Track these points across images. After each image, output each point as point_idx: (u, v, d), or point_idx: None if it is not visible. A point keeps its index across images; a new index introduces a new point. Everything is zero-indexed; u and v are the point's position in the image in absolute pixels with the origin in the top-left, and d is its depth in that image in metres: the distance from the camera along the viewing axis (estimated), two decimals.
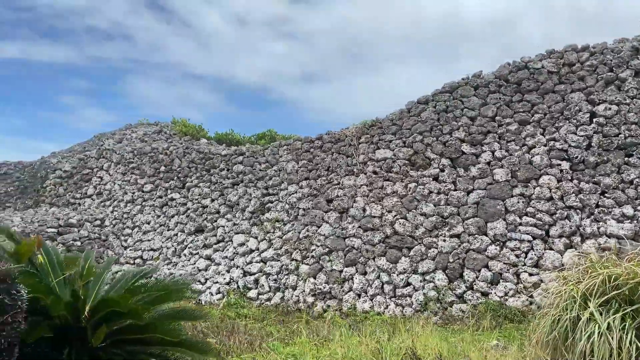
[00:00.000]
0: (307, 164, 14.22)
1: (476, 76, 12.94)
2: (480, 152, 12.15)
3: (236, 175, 15.42)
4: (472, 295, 10.97)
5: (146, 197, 16.99)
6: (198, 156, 16.41)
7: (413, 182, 12.46)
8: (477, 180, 11.93)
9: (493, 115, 12.36)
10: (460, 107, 12.67)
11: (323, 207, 13.43)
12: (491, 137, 12.18)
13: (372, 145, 13.32)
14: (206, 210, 15.50)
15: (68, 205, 18.70)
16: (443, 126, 12.64)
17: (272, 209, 14.32)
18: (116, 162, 18.47)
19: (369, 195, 12.87)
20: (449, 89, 12.94)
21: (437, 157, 12.44)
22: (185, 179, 16.44)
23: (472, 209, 11.70)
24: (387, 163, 12.91)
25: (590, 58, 12.16)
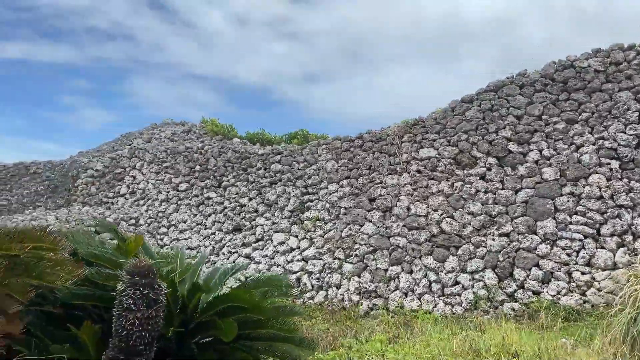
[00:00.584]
0: (347, 163, 14.23)
1: (521, 75, 12.92)
2: (528, 151, 12.13)
3: (274, 174, 15.46)
4: (524, 294, 10.95)
5: (182, 196, 17.05)
6: (234, 155, 16.45)
7: (459, 181, 12.46)
8: (525, 179, 11.91)
9: (540, 114, 12.34)
10: (506, 105, 12.65)
11: (365, 206, 13.44)
12: (538, 136, 12.16)
13: (415, 144, 13.32)
14: (244, 209, 15.54)
15: (101, 204, 18.79)
16: (489, 125, 12.62)
17: (312, 208, 14.35)
18: (149, 161, 18.54)
19: (413, 194, 12.87)
20: (494, 88, 12.93)
21: (484, 156, 12.44)
22: (222, 178, 16.49)
23: (521, 208, 11.68)
24: (432, 162, 12.91)
25: (637, 57, 12.12)
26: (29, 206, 21.08)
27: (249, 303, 4.37)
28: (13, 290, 3.38)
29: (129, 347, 3.75)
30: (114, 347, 3.78)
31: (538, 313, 10.34)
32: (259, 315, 4.47)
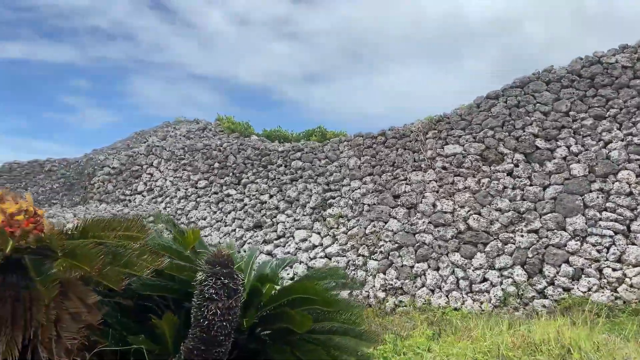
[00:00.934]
0: (370, 159, 14.18)
1: (547, 71, 12.85)
2: (555, 147, 12.06)
3: (295, 171, 15.41)
4: (554, 290, 10.89)
5: (200, 194, 17.01)
6: (254, 152, 16.41)
7: (486, 177, 12.40)
8: (553, 175, 11.85)
9: (567, 110, 12.27)
10: (533, 102, 12.59)
11: (390, 202, 13.39)
12: (566, 132, 12.09)
13: (440, 140, 13.26)
14: (264, 206, 15.49)
15: (118, 201, 18.76)
16: (515, 121, 12.56)
17: (334, 205, 14.30)
18: (166, 158, 18.51)
19: (439, 190, 12.82)
20: (520, 84, 12.87)
21: (511, 152, 12.37)
22: (241, 175, 16.44)
23: (549, 204, 11.62)
24: (457, 158, 12.85)
25: None
26: (44, 204, 21.03)
27: (317, 295, 4.31)
28: (108, 279, 3.33)
29: (210, 337, 3.70)
30: (194, 337, 3.74)
31: (569, 310, 10.29)
32: (327, 307, 4.42)
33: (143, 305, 4.26)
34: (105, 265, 3.31)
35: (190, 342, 3.74)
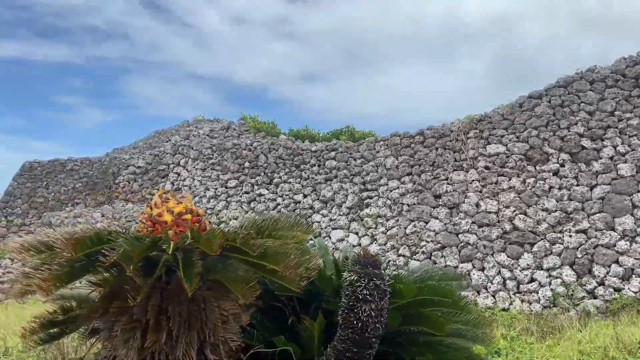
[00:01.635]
0: (408, 159, 14.10)
1: (590, 70, 12.79)
2: (602, 147, 12.01)
3: (329, 170, 15.32)
4: (605, 290, 10.82)
5: (231, 193, 16.91)
6: (285, 152, 16.32)
7: (531, 177, 12.33)
8: (600, 175, 11.78)
9: (612, 110, 12.21)
10: (577, 101, 12.53)
11: (430, 202, 13.31)
12: (612, 132, 12.04)
13: (482, 140, 13.19)
14: (298, 205, 15.40)
15: (144, 201, 18.64)
16: (560, 121, 12.50)
17: (371, 205, 14.21)
18: (194, 158, 18.40)
19: (482, 190, 12.75)
20: (564, 84, 12.81)
21: (556, 152, 12.31)
22: (273, 175, 16.35)
23: (597, 204, 11.56)
24: (501, 158, 12.78)
25: None
26: (66, 203, 20.93)
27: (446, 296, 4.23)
28: (288, 280, 3.24)
29: (363, 338, 3.61)
30: (345, 339, 3.64)
31: (623, 310, 10.23)
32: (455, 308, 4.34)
33: (273, 306, 4.17)
34: (296, 265, 3.21)
35: (341, 344, 3.65)
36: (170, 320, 3.07)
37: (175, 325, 2.99)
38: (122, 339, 3.15)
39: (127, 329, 3.12)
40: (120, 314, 3.18)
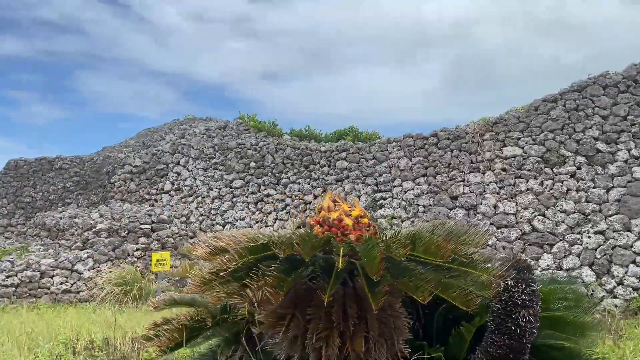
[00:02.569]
0: (422, 160, 14.16)
1: (603, 76, 13.13)
2: (617, 151, 12.34)
3: (340, 171, 15.25)
4: (624, 290, 11.13)
5: (237, 193, 16.62)
6: (294, 152, 16.15)
7: (549, 179, 12.56)
8: (616, 178, 12.11)
9: (625, 115, 12.57)
10: (591, 106, 12.84)
11: (447, 203, 13.41)
12: (626, 136, 12.38)
13: (498, 142, 13.37)
14: (309, 206, 15.27)
15: (142, 201, 18.12)
16: (575, 124, 12.78)
17: (385, 206, 14.21)
18: (195, 157, 18.00)
19: (500, 192, 12.91)
20: (578, 88, 13.10)
21: (572, 155, 12.58)
22: (280, 175, 16.15)
23: (614, 206, 11.87)
24: (518, 160, 12.98)
25: None
26: (56, 203, 20.17)
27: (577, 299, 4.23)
28: (478, 287, 3.15)
29: (521, 344, 3.56)
30: (500, 344, 3.58)
31: None
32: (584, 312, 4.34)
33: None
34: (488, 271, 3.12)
35: (495, 350, 3.59)
36: (368, 325, 2.95)
37: (375, 330, 2.87)
38: (314, 345, 3.00)
39: (321, 334, 2.98)
40: (309, 320, 3.03)
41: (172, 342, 3.77)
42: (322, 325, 2.97)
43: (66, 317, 9.32)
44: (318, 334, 2.96)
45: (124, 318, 9.45)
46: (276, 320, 3.17)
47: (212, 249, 3.40)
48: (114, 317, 8.16)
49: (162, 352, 3.87)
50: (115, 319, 7.31)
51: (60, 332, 7.86)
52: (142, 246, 15.24)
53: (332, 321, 2.96)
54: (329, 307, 2.96)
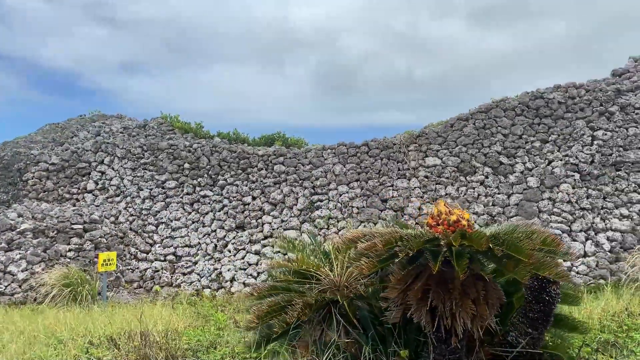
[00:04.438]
0: (355, 167, 15.76)
1: (503, 100, 15.81)
2: (515, 163, 15.02)
3: (277, 174, 16.29)
4: None
5: (170, 194, 16.82)
6: (230, 155, 16.82)
7: (463, 186, 14.87)
8: (515, 186, 14.76)
9: (521, 134, 15.33)
10: (495, 125, 15.42)
11: (378, 206, 15.14)
12: (522, 152, 15.12)
13: (421, 153, 15.42)
14: (247, 207, 16.08)
15: (62, 200, 17.44)
16: (483, 140, 15.26)
17: (322, 207, 15.57)
18: (121, 156, 17.77)
19: (423, 196, 14.95)
20: (485, 110, 15.63)
21: (481, 166, 15.02)
22: (217, 177, 16.72)
23: (514, 209, 14.48)
24: (437, 169, 15.13)
25: (585, 94, 15.80)
26: None
27: None
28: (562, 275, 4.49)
29: (550, 310, 5.03)
30: (536, 310, 5.04)
31: None
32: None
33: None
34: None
35: (533, 315, 4.96)
36: (452, 292, 4.21)
37: (481, 305, 4.15)
38: (417, 306, 4.19)
39: (422, 299, 4.18)
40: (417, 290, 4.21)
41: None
42: (457, 297, 4.16)
43: (45, 319, 9.31)
44: (456, 303, 4.13)
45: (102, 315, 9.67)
46: (421, 295, 4.26)
47: (352, 238, 4.45)
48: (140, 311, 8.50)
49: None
50: (141, 313, 7.75)
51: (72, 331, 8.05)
52: (74, 247, 14.87)
53: (467, 294, 4.17)
54: (458, 285, 4.17)
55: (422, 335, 4.40)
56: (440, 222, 4.59)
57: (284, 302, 4.90)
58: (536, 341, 4.74)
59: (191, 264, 15.73)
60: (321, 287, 5.07)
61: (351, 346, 4.68)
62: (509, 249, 4.19)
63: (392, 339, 4.47)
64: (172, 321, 9.05)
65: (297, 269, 5.30)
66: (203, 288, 15.17)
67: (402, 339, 4.46)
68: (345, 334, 4.76)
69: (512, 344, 4.80)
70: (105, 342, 7.33)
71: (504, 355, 4.70)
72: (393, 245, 4.25)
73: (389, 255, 4.31)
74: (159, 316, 9.42)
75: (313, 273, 5.22)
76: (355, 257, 4.42)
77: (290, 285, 5.21)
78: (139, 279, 15.73)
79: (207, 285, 15.24)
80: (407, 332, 4.51)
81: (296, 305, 4.70)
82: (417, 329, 4.42)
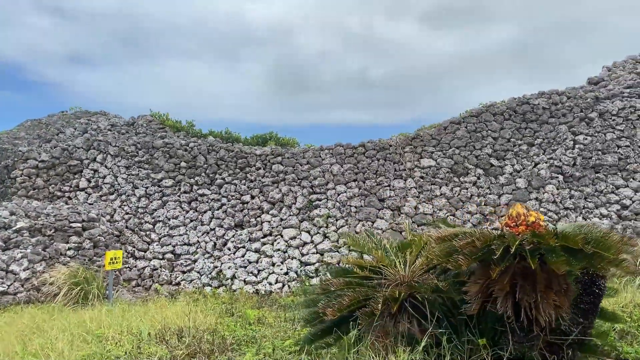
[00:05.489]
0: (352, 167, 16.26)
1: (492, 105, 16.66)
2: (504, 165, 15.88)
3: (276, 174, 16.60)
4: None
5: (167, 192, 16.85)
6: (228, 154, 17.01)
7: (457, 186, 15.61)
8: (504, 187, 15.61)
9: (509, 137, 16.20)
10: (485, 129, 16.24)
11: (376, 205, 15.70)
12: (510, 155, 16.00)
13: (416, 154, 16.07)
14: (246, 206, 16.33)
15: (53, 198, 17.19)
16: (474, 143, 16.05)
17: (320, 206, 16.00)
18: (114, 154, 17.65)
19: (419, 196, 15.60)
20: (476, 114, 16.42)
21: (473, 168, 15.81)
22: (214, 176, 16.88)
23: (504, 209, 15.32)
24: (432, 170, 15.82)
25: (567, 100, 16.85)
26: None
27: None
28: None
29: (598, 301, 5.64)
30: (586, 301, 5.64)
31: None
32: None
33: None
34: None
35: (585, 305, 5.55)
36: (537, 286, 4.75)
37: (541, 289, 4.69)
38: (504, 298, 4.71)
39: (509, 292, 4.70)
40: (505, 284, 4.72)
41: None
42: (542, 290, 4.67)
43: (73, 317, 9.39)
44: (541, 295, 4.64)
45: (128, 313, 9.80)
46: (509, 287, 4.74)
47: (443, 237, 4.92)
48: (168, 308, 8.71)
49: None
50: (190, 310, 7.99)
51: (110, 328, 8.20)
52: (74, 245, 14.76)
53: (550, 287, 4.70)
54: (542, 279, 4.69)
55: (500, 324, 4.91)
56: (520, 222, 5.06)
57: (363, 296, 5.33)
58: (586, 330, 5.34)
59: (190, 262, 15.86)
60: (392, 281, 5.52)
61: (425, 335, 5.15)
62: (597, 247, 4.68)
63: (466, 329, 4.96)
64: (197, 318, 9.30)
65: (374, 265, 5.72)
66: (204, 286, 15.35)
67: (477, 329, 4.95)
68: (418, 325, 5.23)
69: (565, 333, 5.38)
70: (154, 338, 7.56)
71: (558, 342, 5.28)
72: (490, 243, 4.71)
73: (486, 252, 4.77)
74: (186, 313, 9.66)
75: (386, 269, 5.66)
76: (445, 254, 4.89)
77: (364, 282, 5.64)
78: (137, 277, 15.75)
79: (208, 283, 15.42)
80: (481, 323, 5.01)
81: (378, 298, 5.13)
82: (495, 319, 4.93)
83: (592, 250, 4.61)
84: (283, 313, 10.29)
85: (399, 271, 5.63)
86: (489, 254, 4.73)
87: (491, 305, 4.81)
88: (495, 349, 4.76)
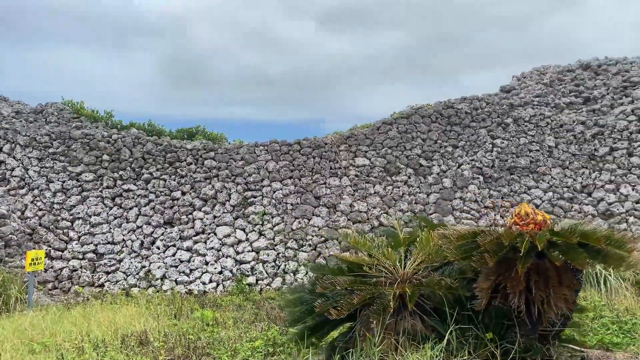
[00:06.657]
0: (288, 164, 16.19)
1: (421, 107, 17.43)
2: (432, 165, 16.70)
3: (208, 170, 16.06)
4: None
5: (88, 187, 15.62)
6: (156, 148, 16.14)
7: (390, 185, 16.13)
8: (432, 186, 16.42)
9: (436, 139, 17.07)
10: (415, 130, 16.96)
11: (312, 202, 15.77)
12: (437, 155, 16.86)
13: (351, 153, 16.37)
14: (177, 202, 15.63)
15: None
16: (405, 143, 16.70)
17: (256, 203, 15.75)
18: (24, 144, 16.01)
19: (354, 194, 15.92)
20: (406, 115, 17.09)
21: (405, 167, 16.44)
22: (141, 171, 15.94)
23: (433, 207, 16.13)
24: (367, 169, 16.21)
25: (486, 106, 18.12)
26: None
27: None
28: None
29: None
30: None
31: None
32: None
33: None
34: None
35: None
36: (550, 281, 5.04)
37: (554, 283, 5.02)
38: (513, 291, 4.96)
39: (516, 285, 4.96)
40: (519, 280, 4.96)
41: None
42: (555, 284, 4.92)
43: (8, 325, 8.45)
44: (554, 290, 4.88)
45: (75, 318, 9.00)
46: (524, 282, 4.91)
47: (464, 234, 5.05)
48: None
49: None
50: (139, 313, 7.47)
51: (56, 335, 7.51)
52: None
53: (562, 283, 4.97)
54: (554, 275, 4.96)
55: (506, 319, 5.16)
56: (528, 221, 5.29)
57: (370, 294, 5.34)
58: (566, 320, 5.80)
59: (115, 261, 14.85)
60: (393, 279, 5.59)
61: (430, 331, 5.29)
62: (610, 244, 5.00)
63: (470, 324, 5.17)
64: (147, 322, 8.78)
65: (374, 263, 5.74)
66: (131, 287, 14.46)
67: (482, 324, 5.18)
68: (422, 321, 5.35)
69: (550, 324, 5.80)
70: (111, 344, 7.03)
71: (546, 334, 5.65)
72: (515, 241, 4.89)
73: (509, 249, 4.94)
74: (133, 316, 9.07)
75: (387, 267, 5.71)
76: (463, 251, 5.03)
77: (367, 279, 5.65)
78: (53, 280, 14.45)
79: (135, 284, 14.55)
80: (486, 318, 5.24)
81: (388, 295, 5.17)
82: (502, 314, 5.17)
83: (608, 248, 4.93)
84: (236, 313, 10.01)
85: (399, 269, 5.72)
86: (511, 251, 4.96)
87: (499, 300, 5.05)
88: (504, 343, 5.00)
